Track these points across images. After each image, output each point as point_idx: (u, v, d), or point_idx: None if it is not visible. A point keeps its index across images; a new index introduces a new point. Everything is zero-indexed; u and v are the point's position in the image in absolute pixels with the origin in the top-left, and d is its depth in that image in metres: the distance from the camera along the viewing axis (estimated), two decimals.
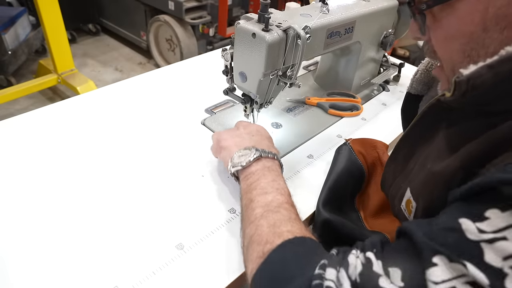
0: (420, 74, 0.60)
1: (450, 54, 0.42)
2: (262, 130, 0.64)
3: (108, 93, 0.88)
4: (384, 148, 0.70)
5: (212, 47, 2.62)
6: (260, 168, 0.54)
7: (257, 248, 0.44)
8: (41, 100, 2.28)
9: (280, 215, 0.46)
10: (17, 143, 0.70)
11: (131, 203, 0.59)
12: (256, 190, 0.51)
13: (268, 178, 0.52)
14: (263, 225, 0.45)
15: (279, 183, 0.52)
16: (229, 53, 0.66)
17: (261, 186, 0.51)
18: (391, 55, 1.58)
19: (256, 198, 0.50)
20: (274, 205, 0.48)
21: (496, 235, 0.28)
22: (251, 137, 0.61)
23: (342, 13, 0.73)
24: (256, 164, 0.55)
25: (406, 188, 0.47)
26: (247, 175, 0.54)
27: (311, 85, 0.99)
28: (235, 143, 0.60)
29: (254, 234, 0.45)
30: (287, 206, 0.48)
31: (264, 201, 0.49)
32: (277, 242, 0.42)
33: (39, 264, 0.49)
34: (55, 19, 1.88)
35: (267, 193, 0.50)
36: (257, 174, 0.53)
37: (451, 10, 0.39)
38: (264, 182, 0.52)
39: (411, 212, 0.45)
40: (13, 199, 0.58)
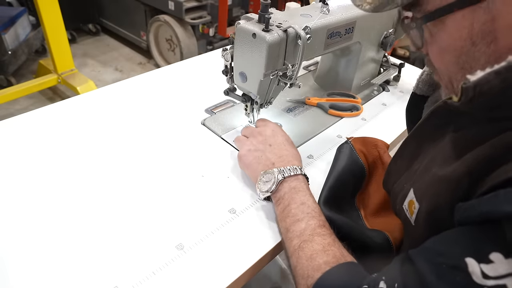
0: (426, 75, 0.60)
1: (446, 65, 0.43)
2: (278, 132, 0.66)
3: (108, 93, 0.88)
4: (385, 147, 0.70)
5: (212, 47, 2.62)
6: (287, 191, 0.57)
7: (302, 281, 0.47)
8: (41, 100, 2.28)
9: (315, 245, 0.49)
10: (17, 143, 0.70)
11: (131, 203, 0.59)
12: (289, 218, 0.54)
13: (297, 202, 0.55)
14: (302, 258, 0.49)
15: (308, 205, 0.55)
16: (229, 53, 0.66)
17: (292, 213, 0.54)
18: (391, 55, 1.58)
19: (291, 227, 0.52)
20: (308, 234, 0.51)
21: (498, 281, 0.30)
22: (269, 147, 0.63)
23: (342, 14, 0.73)
24: (283, 187, 0.57)
25: (410, 188, 0.47)
26: (278, 200, 0.57)
27: (311, 85, 0.99)
28: (256, 159, 0.62)
29: (297, 267, 0.49)
30: (319, 231, 0.51)
31: (299, 230, 0.51)
32: (316, 276, 0.45)
33: (39, 264, 0.49)
34: (55, 19, 1.88)
35: (299, 221, 0.52)
36: (286, 198, 0.56)
37: (442, 26, 0.40)
38: (294, 208, 0.54)
39: (413, 213, 0.45)
40: (13, 199, 0.58)
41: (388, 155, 0.69)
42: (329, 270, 0.45)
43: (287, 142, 0.65)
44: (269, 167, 0.60)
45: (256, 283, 1.11)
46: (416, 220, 0.45)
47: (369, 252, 0.59)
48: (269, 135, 0.65)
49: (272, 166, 0.60)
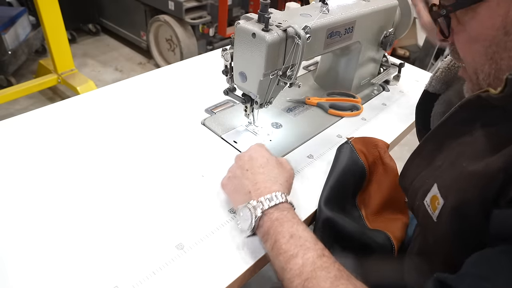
0: (440, 73, 0.59)
1: (472, 56, 0.42)
2: (258, 152, 0.59)
3: (108, 93, 0.88)
4: (385, 147, 0.70)
5: (212, 47, 2.62)
6: (270, 225, 0.50)
7: None
8: (41, 100, 2.28)
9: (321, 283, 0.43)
10: (17, 143, 0.70)
11: (131, 203, 0.59)
12: (282, 256, 0.47)
13: (285, 236, 0.48)
14: None
15: (299, 236, 0.48)
16: (229, 53, 0.66)
17: (283, 250, 0.47)
18: (391, 55, 1.58)
19: (287, 266, 0.46)
20: (308, 270, 0.44)
21: None
22: (245, 172, 0.56)
23: (342, 13, 0.73)
24: (264, 222, 0.50)
25: (433, 184, 0.45)
26: (263, 237, 0.51)
27: (311, 85, 0.99)
28: (234, 187, 0.57)
29: None
30: (321, 264, 0.45)
31: (296, 268, 0.45)
32: None
33: (39, 264, 0.49)
34: (55, 19, 1.88)
35: (294, 256, 0.46)
36: (272, 234, 0.49)
37: (473, 14, 0.39)
38: (284, 243, 0.47)
39: (436, 208, 0.43)
40: (13, 199, 0.58)
41: (389, 155, 0.69)
42: None
43: (266, 163, 0.57)
44: (246, 197, 0.53)
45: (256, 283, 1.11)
46: (439, 216, 0.43)
47: (370, 252, 0.59)
48: (247, 158, 0.58)
49: (249, 196, 0.53)
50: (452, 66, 0.58)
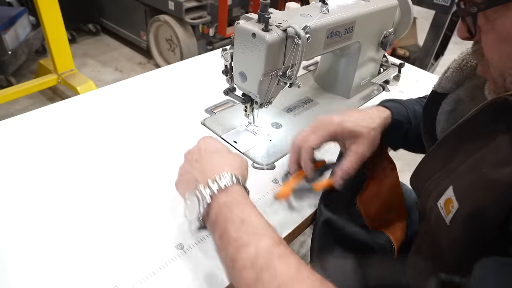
0: (451, 72, 0.58)
1: (500, 57, 0.40)
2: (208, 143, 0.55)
3: (108, 93, 0.88)
4: (385, 147, 0.70)
5: (212, 47, 2.62)
6: (219, 211, 0.44)
7: None
8: (41, 100, 2.28)
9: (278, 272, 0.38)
10: (17, 143, 0.70)
11: (131, 203, 0.59)
12: (231, 245, 0.41)
13: (235, 222, 0.43)
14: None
15: (250, 222, 0.43)
16: (229, 53, 0.66)
17: (233, 239, 0.42)
18: (391, 55, 1.58)
19: (237, 255, 0.40)
20: (263, 259, 0.39)
21: None
22: (195, 163, 0.52)
23: (342, 13, 0.73)
24: (212, 208, 0.45)
25: (448, 186, 0.44)
26: (212, 227, 0.45)
27: (311, 85, 0.99)
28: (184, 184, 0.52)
29: None
30: (278, 252, 0.40)
31: (248, 258, 0.39)
32: None
33: (39, 264, 0.49)
34: (55, 19, 1.88)
35: (245, 245, 0.40)
36: (220, 221, 0.44)
37: (505, 11, 0.37)
38: (234, 230, 0.42)
39: (450, 212, 0.42)
40: (13, 199, 0.58)
41: (388, 156, 0.69)
42: None
43: (216, 151, 0.53)
44: (193, 186, 0.48)
45: None
46: (452, 220, 0.42)
47: (370, 253, 0.59)
48: (196, 150, 0.54)
49: (196, 184, 0.47)
50: (464, 66, 0.56)
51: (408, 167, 2.01)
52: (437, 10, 2.02)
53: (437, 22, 2.07)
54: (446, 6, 1.97)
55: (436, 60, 2.58)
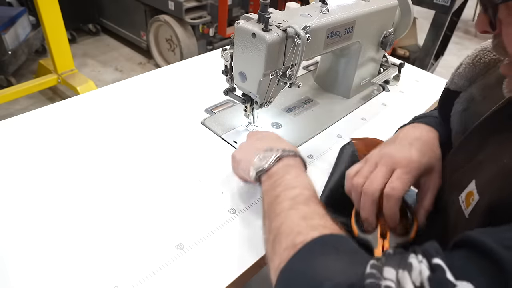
0: (464, 69, 0.57)
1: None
2: (271, 133, 0.63)
3: (108, 93, 0.88)
4: None
5: (212, 47, 2.62)
6: (283, 167, 0.52)
7: (285, 239, 0.40)
8: (41, 100, 2.28)
9: (311, 208, 0.44)
10: (17, 143, 0.70)
11: (131, 203, 0.60)
12: (281, 187, 0.48)
13: (292, 175, 0.50)
14: (292, 216, 0.43)
15: (303, 179, 0.50)
16: (229, 53, 0.66)
17: (285, 183, 0.49)
18: (391, 55, 1.58)
19: (282, 193, 0.47)
20: (302, 198, 0.45)
21: None
22: (264, 139, 0.60)
23: (342, 13, 0.73)
24: (278, 164, 0.53)
25: (471, 180, 0.43)
26: (270, 175, 0.52)
27: (311, 85, 0.99)
28: (251, 149, 0.58)
29: (282, 225, 0.42)
30: (315, 201, 0.46)
31: (291, 195, 0.46)
32: (312, 234, 0.38)
33: (39, 264, 0.49)
34: (55, 19, 1.88)
35: (293, 188, 0.48)
36: (280, 172, 0.51)
37: None
38: (288, 179, 0.50)
39: (470, 204, 0.41)
40: (13, 199, 0.58)
41: None
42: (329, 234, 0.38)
43: (282, 140, 0.61)
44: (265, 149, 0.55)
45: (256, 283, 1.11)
46: (472, 212, 0.41)
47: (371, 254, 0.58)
48: (262, 134, 0.63)
49: (270, 148, 0.55)
50: (477, 62, 0.55)
51: None
52: (437, 10, 2.02)
53: (437, 22, 2.07)
54: (446, 6, 1.97)
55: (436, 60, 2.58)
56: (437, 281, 0.29)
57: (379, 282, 0.31)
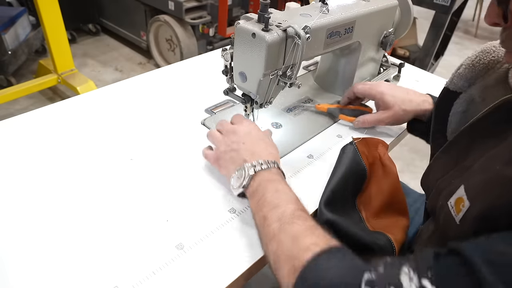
0: (464, 69, 0.57)
1: None
2: (252, 129, 0.64)
3: (108, 93, 0.88)
4: (384, 148, 0.70)
5: (212, 47, 2.62)
6: (260, 183, 0.55)
7: (286, 265, 0.43)
8: (41, 100, 2.28)
9: (297, 226, 0.46)
10: (17, 143, 0.70)
11: (131, 203, 0.59)
12: (265, 207, 0.51)
13: (271, 191, 0.53)
14: (284, 241, 0.45)
15: (284, 191, 0.53)
16: (229, 53, 0.66)
17: (268, 202, 0.52)
18: (391, 55, 1.58)
19: (268, 214, 0.50)
20: (287, 216, 0.48)
21: None
22: (242, 145, 0.60)
23: (342, 13, 0.73)
24: (255, 182, 0.55)
25: (459, 185, 0.44)
26: (252, 194, 0.55)
27: (311, 85, 0.99)
28: (230, 159, 0.60)
29: (277, 250, 0.45)
30: (300, 213, 0.49)
31: (276, 215, 0.49)
32: (306, 257, 0.42)
33: (39, 264, 0.49)
34: (55, 19, 1.88)
35: (277, 207, 0.50)
36: (260, 191, 0.54)
37: None
38: (269, 196, 0.52)
39: (460, 211, 0.42)
40: (13, 199, 0.58)
41: (388, 157, 0.69)
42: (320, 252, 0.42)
43: (262, 140, 0.62)
44: (241, 163, 0.58)
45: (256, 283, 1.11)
46: (462, 219, 0.42)
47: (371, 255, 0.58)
48: (243, 133, 0.63)
49: (243, 162, 0.58)
50: (476, 63, 0.56)
51: (407, 167, 2.01)
52: (437, 10, 2.02)
53: (437, 22, 2.07)
54: (446, 6, 1.97)
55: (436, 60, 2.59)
56: None
57: None
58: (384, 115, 0.76)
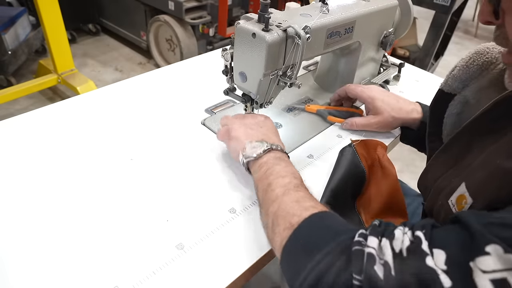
0: (458, 71, 0.58)
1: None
2: (269, 122, 0.67)
3: (108, 93, 0.88)
4: (383, 150, 0.70)
5: (212, 47, 2.62)
6: (272, 158, 0.57)
7: (283, 221, 0.46)
8: (41, 100, 2.28)
9: (301, 194, 0.50)
10: (17, 143, 0.70)
11: (131, 203, 0.59)
12: (273, 175, 0.54)
13: (281, 165, 0.56)
14: (286, 201, 0.48)
15: (291, 168, 0.56)
16: (229, 53, 0.66)
17: (276, 171, 0.54)
18: (391, 55, 1.58)
19: (274, 181, 0.53)
20: (292, 186, 0.51)
21: None
22: (260, 128, 0.64)
23: (342, 13, 0.73)
24: (267, 155, 0.58)
25: (460, 183, 0.45)
26: (261, 165, 0.57)
27: (311, 85, 0.99)
28: (246, 134, 0.62)
29: (279, 210, 0.48)
30: (303, 188, 0.52)
31: (283, 183, 0.52)
32: (305, 214, 0.45)
33: (39, 264, 0.49)
34: (55, 19, 1.88)
35: (283, 177, 0.53)
36: (270, 163, 0.56)
37: None
38: (278, 168, 0.55)
39: (463, 208, 0.43)
40: (13, 199, 0.58)
41: (387, 158, 0.69)
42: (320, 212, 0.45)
43: (276, 134, 0.65)
44: (259, 138, 0.61)
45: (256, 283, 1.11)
46: None
47: None
48: (261, 120, 0.66)
49: (262, 139, 0.60)
50: (470, 64, 0.57)
51: (407, 168, 2.01)
52: (437, 10, 2.02)
53: (437, 22, 2.07)
54: (446, 6, 1.97)
55: (436, 60, 2.59)
56: (413, 250, 0.34)
57: (363, 249, 0.36)
58: (373, 120, 0.77)
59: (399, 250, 0.35)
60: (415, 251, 0.34)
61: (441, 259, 0.32)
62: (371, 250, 0.36)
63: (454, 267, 0.31)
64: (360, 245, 0.37)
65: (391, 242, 0.36)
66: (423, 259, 0.33)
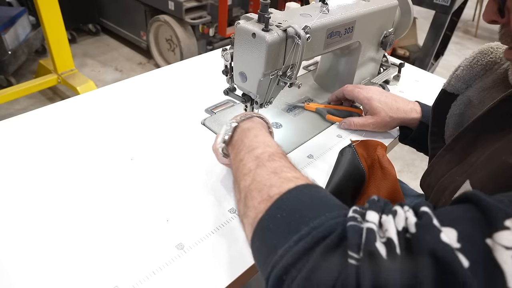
0: (461, 71, 0.57)
1: None
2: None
3: (108, 93, 0.88)
4: (383, 150, 0.70)
5: (212, 47, 2.62)
6: (240, 132, 0.53)
7: (258, 194, 0.39)
8: (41, 100, 2.28)
9: (278, 163, 0.43)
10: (17, 143, 0.70)
11: (131, 203, 0.59)
12: (243, 151, 0.48)
13: (250, 137, 0.51)
14: (261, 174, 0.42)
15: (262, 137, 0.50)
16: (229, 53, 0.66)
17: (246, 146, 0.49)
18: (391, 55, 1.58)
19: (245, 156, 0.47)
20: (266, 156, 0.45)
21: None
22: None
23: (342, 13, 0.73)
24: (236, 132, 0.54)
25: (464, 181, 0.44)
26: (233, 145, 0.53)
27: (311, 85, 0.99)
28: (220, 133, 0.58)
29: (253, 182, 0.42)
30: (281, 156, 0.45)
31: (255, 155, 0.46)
32: (287, 186, 0.38)
33: (39, 264, 0.49)
34: (55, 19, 1.88)
35: (254, 148, 0.47)
36: (239, 139, 0.52)
37: None
38: (247, 141, 0.50)
39: None
40: (12, 199, 0.58)
41: (387, 159, 0.69)
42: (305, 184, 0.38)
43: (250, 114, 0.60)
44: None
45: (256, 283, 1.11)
46: None
47: None
48: None
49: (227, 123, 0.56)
50: (474, 64, 0.56)
51: (407, 168, 2.01)
52: (437, 10, 2.02)
53: (437, 22, 2.07)
54: (446, 6, 1.97)
55: (436, 60, 2.59)
56: (423, 225, 0.30)
57: (361, 225, 0.31)
58: (370, 120, 0.77)
59: (402, 228, 0.30)
60: (427, 226, 0.29)
61: (453, 237, 0.28)
62: (371, 225, 0.31)
63: (469, 244, 0.28)
64: (356, 221, 0.31)
65: (393, 218, 0.31)
66: (438, 234, 0.28)
